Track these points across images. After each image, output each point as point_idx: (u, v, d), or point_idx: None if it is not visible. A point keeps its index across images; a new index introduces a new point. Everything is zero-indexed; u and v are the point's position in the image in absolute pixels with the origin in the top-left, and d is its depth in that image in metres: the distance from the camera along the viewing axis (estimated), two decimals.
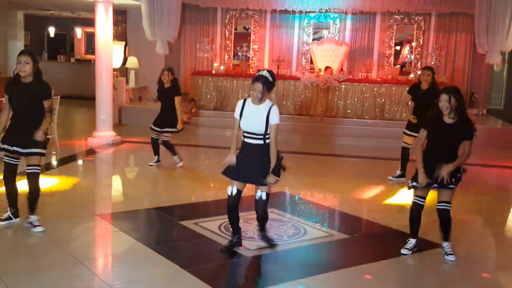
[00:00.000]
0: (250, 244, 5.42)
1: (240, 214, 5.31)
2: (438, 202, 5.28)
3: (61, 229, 5.69)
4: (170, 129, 8.59)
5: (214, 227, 5.88)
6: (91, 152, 10.29)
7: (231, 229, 5.36)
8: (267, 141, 5.04)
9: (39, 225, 5.57)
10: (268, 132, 5.01)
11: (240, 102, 5.15)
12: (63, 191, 7.46)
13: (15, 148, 5.42)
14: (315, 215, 6.88)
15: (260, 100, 5.02)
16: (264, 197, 5.12)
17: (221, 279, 4.83)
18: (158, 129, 8.62)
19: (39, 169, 5.60)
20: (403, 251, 5.33)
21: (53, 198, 6.95)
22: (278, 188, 7.63)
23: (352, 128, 12.51)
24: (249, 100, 5.12)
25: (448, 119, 5.09)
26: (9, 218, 5.69)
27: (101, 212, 6.53)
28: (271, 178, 4.98)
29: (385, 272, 4.99)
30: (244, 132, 5.09)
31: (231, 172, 5.14)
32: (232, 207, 5.19)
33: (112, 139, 10.93)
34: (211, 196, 7.70)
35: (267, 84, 5.00)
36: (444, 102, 5.01)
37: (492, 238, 6.38)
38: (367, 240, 5.97)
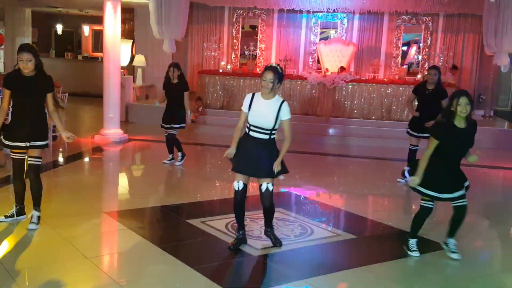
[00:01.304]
0: (257, 243, 5.43)
1: (246, 213, 5.33)
2: (454, 200, 5.16)
3: (69, 226, 5.72)
4: (177, 125, 8.58)
5: (220, 226, 5.89)
6: (98, 149, 10.33)
7: (236, 225, 5.38)
8: (272, 136, 5.07)
9: (34, 222, 5.54)
10: (275, 128, 5.03)
11: (249, 96, 5.12)
12: (70, 188, 7.50)
13: (28, 144, 5.43)
14: (320, 215, 6.88)
15: (271, 90, 4.99)
16: (270, 188, 5.12)
17: (227, 277, 4.83)
18: (166, 125, 8.62)
19: (40, 161, 5.63)
20: (413, 253, 5.32)
21: (60, 195, 6.99)
22: (284, 188, 7.65)
23: (359, 128, 12.49)
24: (258, 95, 5.10)
25: (460, 124, 4.99)
26: (12, 216, 5.70)
27: (108, 210, 6.56)
28: (277, 166, 5.02)
29: (391, 272, 4.99)
30: (251, 125, 5.07)
31: (237, 167, 5.14)
32: (239, 202, 5.20)
33: (119, 137, 10.97)
34: (217, 194, 7.73)
35: (277, 73, 4.99)
36: (465, 105, 4.89)
37: (497, 240, 6.37)
38: (373, 241, 5.97)
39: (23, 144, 5.45)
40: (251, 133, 5.09)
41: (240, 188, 5.16)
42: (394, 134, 11.99)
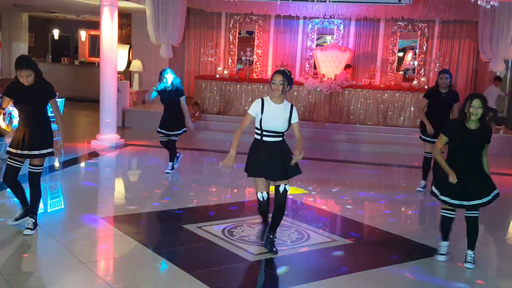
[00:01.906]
0: (253, 249, 5.43)
1: (243, 218, 5.34)
2: (467, 210, 5.23)
3: (65, 231, 5.71)
4: (180, 131, 8.49)
5: (217, 231, 5.89)
6: (94, 154, 10.32)
7: (261, 224, 5.50)
8: (284, 137, 5.19)
9: (30, 228, 5.50)
10: (287, 130, 5.17)
11: (259, 101, 5.14)
12: (66, 193, 7.49)
13: (27, 152, 5.42)
14: (317, 220, 6.88)
15: (282, 92, 5.07)
16: (288, 188, 5.22)
17: (224, 283, 4.83)
18: (166, 131, 8.47)
19: (41, 170, 5.62)
20: (439, 258, 5.36)
21: (56, 200, 6.98)
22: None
23: (355, 134, 12.52)
24: (267, 100, 5.15)
25: (471, 125, 5.10)
26: (21, 217, 5.69)
27: (104, 215, 6.54)
28: (298, 157, 5.11)
29: (387, 278, 4.99)
30: (264, 131, 5.11)
31: (259, 174, 5.16)
32: (265, 211, 5.33)
33: (115, 142, 10.96)
34: (214, 200, 7.72)
35: (286, 76, 5.09)
36: (476, 108, 5.01)
37: (493, 246, 6.38)
38: (369, 246, 5.97)
39: (20, 152, 5.43)
40: (265, 138, 5.14)
41: (265, 198, 5.22)
42: (390, 139, 12.02)
